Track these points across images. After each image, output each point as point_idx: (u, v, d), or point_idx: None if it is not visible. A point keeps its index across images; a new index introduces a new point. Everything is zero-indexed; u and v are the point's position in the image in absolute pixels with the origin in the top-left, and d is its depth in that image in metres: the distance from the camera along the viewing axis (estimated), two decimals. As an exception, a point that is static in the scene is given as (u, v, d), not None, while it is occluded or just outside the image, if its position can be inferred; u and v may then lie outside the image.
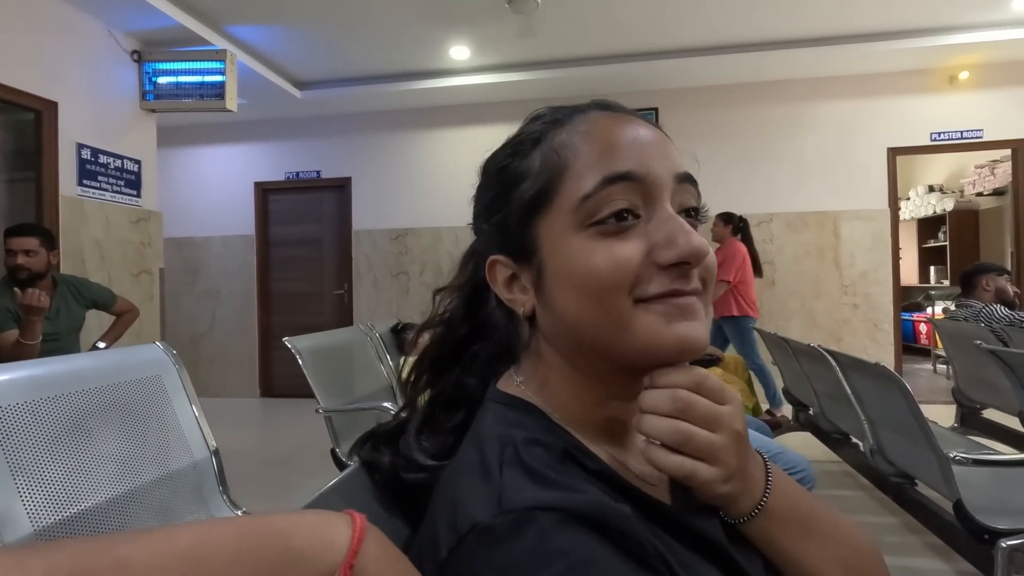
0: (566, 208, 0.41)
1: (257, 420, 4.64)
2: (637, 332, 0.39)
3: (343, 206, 5.22)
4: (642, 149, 0.42)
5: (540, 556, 0.32)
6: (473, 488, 0.37)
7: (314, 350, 2.07)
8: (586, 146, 0.42)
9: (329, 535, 0.31)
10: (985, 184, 5.84)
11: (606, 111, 0.45)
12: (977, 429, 2.49)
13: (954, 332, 2.65)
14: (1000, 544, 1.26)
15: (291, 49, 4.07)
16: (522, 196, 0.44)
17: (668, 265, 0.39)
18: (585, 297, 0.40)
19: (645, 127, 0.44)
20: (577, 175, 0.42)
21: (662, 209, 0.41)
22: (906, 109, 4.44)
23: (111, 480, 0.99)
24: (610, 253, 0.40)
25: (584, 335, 0.42)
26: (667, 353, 0.40)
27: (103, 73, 3.33)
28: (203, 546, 0.28)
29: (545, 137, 0.44)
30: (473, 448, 0.41)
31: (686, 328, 0.40)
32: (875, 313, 4.48)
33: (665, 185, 0.41)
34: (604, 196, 0.40)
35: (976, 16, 3.76)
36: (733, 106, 4.60)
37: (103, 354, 1.24)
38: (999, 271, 2.82)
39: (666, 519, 0.40)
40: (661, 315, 0.40)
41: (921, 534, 2.06)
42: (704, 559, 0.40)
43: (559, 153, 0.43)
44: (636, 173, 0.40)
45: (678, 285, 0.40)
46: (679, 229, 0.40)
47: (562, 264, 0.42)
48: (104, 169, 3.27)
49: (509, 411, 0.44)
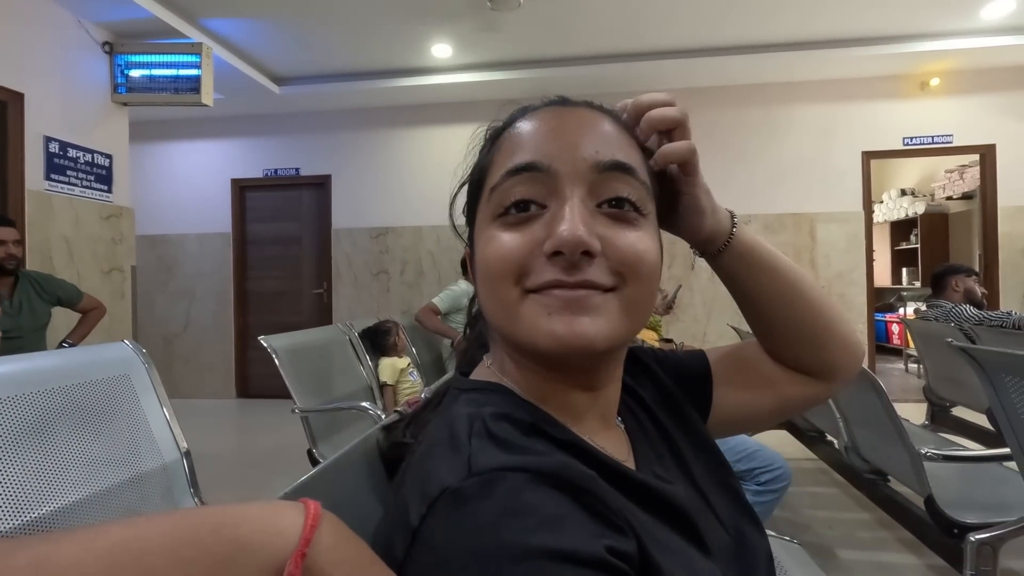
0: (484, 202, 0.44)
1: (232, 421, 4.55)
2: (522, 322, 0.40)
3: (322, 204, 5.15)
4: (555, 140, 0.42)
5: (511, 513, 0.32)
6: (442, 458, 0.37)
7: (291, 349, 2.04)
8: (507, 143, 0.44)
9: (278, 523, 0.29)
10: (955, 188, 6.00)
11: (546, 108, 0.45)
12: (947, 426, 2.56)
13: (925, 332, 2.72)
14: (969, 538, 1.29)
15: (270, 44, 4.00)
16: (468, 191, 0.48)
17: (550, 255, 0.39)
18: (485, 284, 0.43)
19: (573, 116, 0.43)
20: (493, 170, 0.44)
21: (562, 199, 0.40)
22: (880, 114, 4.54)
23: (76, 483, 0.96)
24: (500, 243, 0.41)
25: (491, 320, 0.44)
26: (544, 347, 0.39)
27: (72, 64, 3.23)
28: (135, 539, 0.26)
29: (494, 137, 0.47)
30: (443, 427, 0.41)
31: (566, 323, 0.38)
32: (849, 313, 4.56)
33: (576, 175, 0.41)
34: (506, 188, 0.42)
35: (947, 24, 3.86)
36: (712, 109, 4.66)
37: (68, 352, 1.19)
38: (968, 272, 2.89)
39: (631, 485, 0.41)
40: (542, 307, 0.39)
41: (893, 529, 2.10)
42: (666, 523, 0.41)
43: (492, 152, 0.46)
44: (538, 164, 0.41)
45: (560, 276, 0.39)
46: (561, 218, 0.39)
47: (478, 252, 0.44)
48: (73, 163, 3.17)
49: (478, 394, 0.45)
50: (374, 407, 1.99)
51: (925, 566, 1.91)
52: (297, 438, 2.05)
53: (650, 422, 0.53)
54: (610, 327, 0.39)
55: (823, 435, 2.31)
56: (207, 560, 0.27)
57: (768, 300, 0.53)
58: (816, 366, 0.55)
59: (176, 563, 0.26)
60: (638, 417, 0.53)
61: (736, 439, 1.74)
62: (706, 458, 0.53)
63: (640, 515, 0.39)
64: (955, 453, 1.55)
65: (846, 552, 2.05)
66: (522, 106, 0.48)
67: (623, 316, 0.40)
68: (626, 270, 0.40)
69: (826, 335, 0.54)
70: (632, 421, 0.52)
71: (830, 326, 0.54)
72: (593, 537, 0.32)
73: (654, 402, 0.55)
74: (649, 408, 0.54)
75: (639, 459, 0.48)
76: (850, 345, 0.56)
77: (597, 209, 0.41)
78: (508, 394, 0.44)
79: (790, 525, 2.25)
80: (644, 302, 0.42)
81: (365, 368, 2.52)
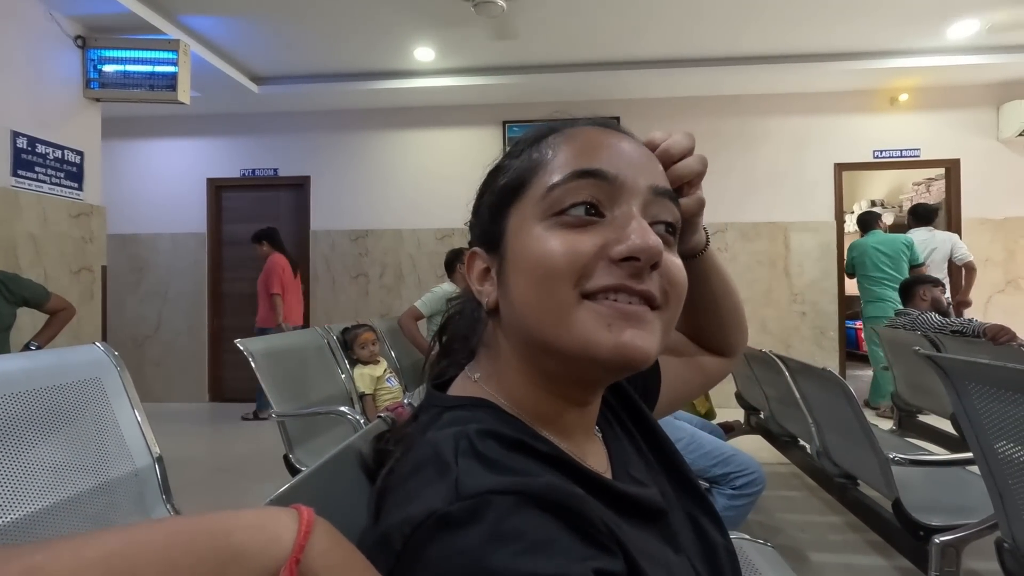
0: (535, 198, 0.43)
1: (206, 425, 4.45)
2: (576, 328, 0.39)
3: (301, 205, 5.08)
4: (619, 156, 0.43)
5: (498, 538, 0.32)
6: (428, 481, 0.37)
7: (268, 353, 2.01)
8: (566, 146, 0.44)
9: (273, 530, 0.29)
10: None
11: (603, 127, 0.46)
12: (914, 431, 2.63)
13: (893, 339, 2.80)
14: (934, 540, 1.33)
15: (249, 42, 3.95)
16: (498, 186, 0.46)
17: (619, 260, 0.40)
18: (533, 282, 0.41)
19: (631, 143, 0.45)
20: (551, 170, 0.43)
21: (627, 209, 0.41)
22: (851, 127, 4.67)
23: (44, 489, 0.93)
24: (563, 240, 0.40)
25: (531, 324, 0.42)
26: (605, 358, 0.39)
27: (42, 58, 3.14)
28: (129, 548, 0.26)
29: (538, 140, 0.47)
30: (427, 446, 0.40)
31: (630, 335, 0.39)
32: (821, 321, 4.68)
33: (635, 191, 0.42)
34: (570, 187, 0.41)
35: (915, 42, 4.00)
36: (691, 118, 4.74)
37: (36, 355, 1.16)
38: (935, 283, 3.00)
39: (614, 496, 0.42)
40: (602, 317, 0.39)
41: (862, 532, 2.15)
42: (645, 528, 0.43)
43: (542, 151, 0.45)
44: (605, 172, 0.42)
45: (627, 281, 0.40)
46: (636, 226, 0.40)
47: (520, 249, 0.43)
48: (42, 159, 3.08)
49: (461, 411, 0.44)
50: (352, 412, 1.97)
51: (892, 568, 1.96)
52: (273, 443, 2.02)
53: (618, 424, 0.54)
54: (656, 345, 0.41)
55: (796, 440, 2.36)
56: (202, 568, 0.27)
57: (718, 299, 0.62)
58: (725, 347, 0.67)
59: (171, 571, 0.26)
60: (609, 421, 0.54)
61: (712, 444, 1.77)
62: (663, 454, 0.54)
63: (624, 526, 0.40)
64: (921, 458, 1.60)
65: (817, 555, 2.10)
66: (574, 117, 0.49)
67: (662, 336, 0.42)
68: (671, 291, 0.42)
69: (738, 323, 0.66)
70: (606, 426, 0.53)
71: (741, 316, 0.66)
72: (581, 560, 0.32)
73: (616, 403, 0.56)
74: (615, 410, 0.56)
75: (615, 464, 0.49)
76: (745, 328, 0.68)
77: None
78: (493, 409, 0.44)
79: (763, 528, 2.30)
80: (673, 325, 0.44)
81: (343, 372, 2.49)
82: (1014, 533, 1.11)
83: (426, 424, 0.45)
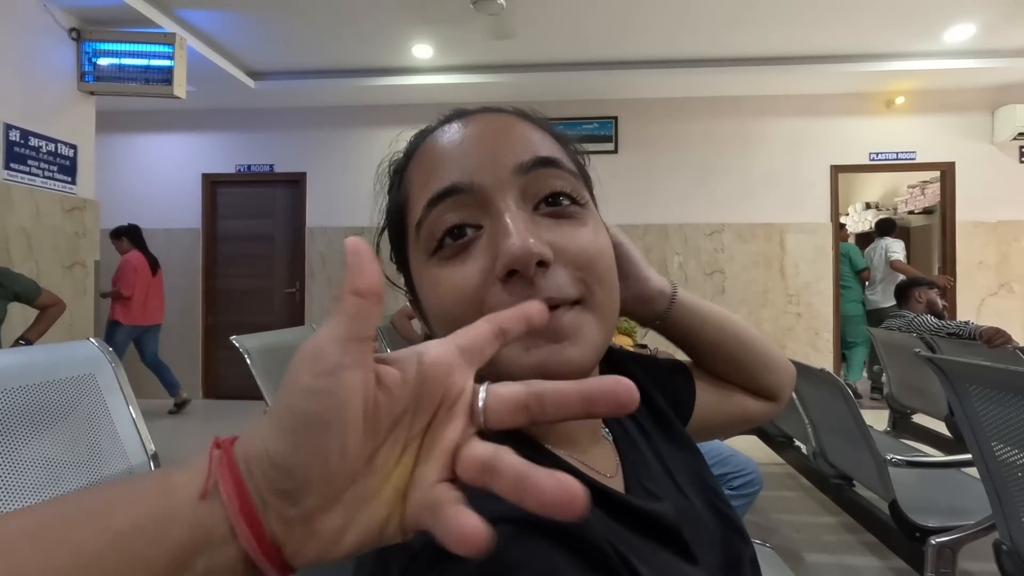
0: (413, 241, 0.40)
1: (199, 423, 4.42)
2: (497, 361, 0.34)
3: (297, 202, 5.06)
4: (468, 154, 0.39)
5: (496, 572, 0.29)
6: None
7: (264, 350, 1.99)
8: (417, 172, 0.41)
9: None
10: (916, 203, 6.24)
11: (448, 124, 0.43)
12: (908, 433, 2.65)
13: (888, 341, 2.81)
14: (930, 541, 1.33)
15: (246, 37, 3.92)
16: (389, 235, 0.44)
17: (504, 278, 0.35)
18: (443, 330, 0.38)
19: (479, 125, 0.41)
20: (413, 204, 0.40)
21: (497, 212, 0.37)
22: (848, 129, 4.69)
23: (35, 487, 0.92)
24: (449, 280, 0.37)
25: None
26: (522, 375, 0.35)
27: (36, 50, 3.11)
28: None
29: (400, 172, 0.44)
30: None
31: (547, 353, 0.36)
32: (816, 322, 4.70)
33: (500, 183, 0.38)
34: (432, 220, 0.38)
35: (912, 46, 4.02)
36: (689, 119, 4.74)
37: (29, 350, 1.14)
38: (930, 285, 3.01)
39: (621, 509, 0.39)
40: (518, 342, 0.35)
41: (858, 533, 2.16)
42: (656, 542, 0.39)
43: (404, 185, 0.42)
44: (458, 185, 0.37)
45: (524, 296, 0.35)
46: (505, 233, 0.35)
47: (424, 299, 0.40)
48: (35, 153, 3.05)
49: None
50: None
51: (888, 569, 1.97)
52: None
53: (637, 430, 0.52)
54: (589, 342, 0.37)
55: (792, 441, 2.36)
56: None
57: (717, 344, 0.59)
58: (761, 389, 0.61)
59: None
60: (625, 426, 0.52)
61: (709, 444, 1.76)
62: (691, 466, 0.52)
63: (632, 538, 0.38)
64: (918, 459, 1.60)
65: (812, 555, 2.10)
66: (419, 130, 0.45)
67: (599, 326, 0.38)
68: (586, 275, 0.38)
69: (762, 363, 0.60)
70: (619, 431, 0.51)
71: (765, 355, 0.61)
72: None
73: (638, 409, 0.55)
74: (633, 415, 0.53)
75: (628, 473, 0.46)
76: (784, 367, 0.62)
77: (535, 212, 0.38)
78: None
79: (759, 528, 2.30)
80: (612, 302, 0.40)
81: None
82: (1012, 535, 1.11)
83: None
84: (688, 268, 4.73)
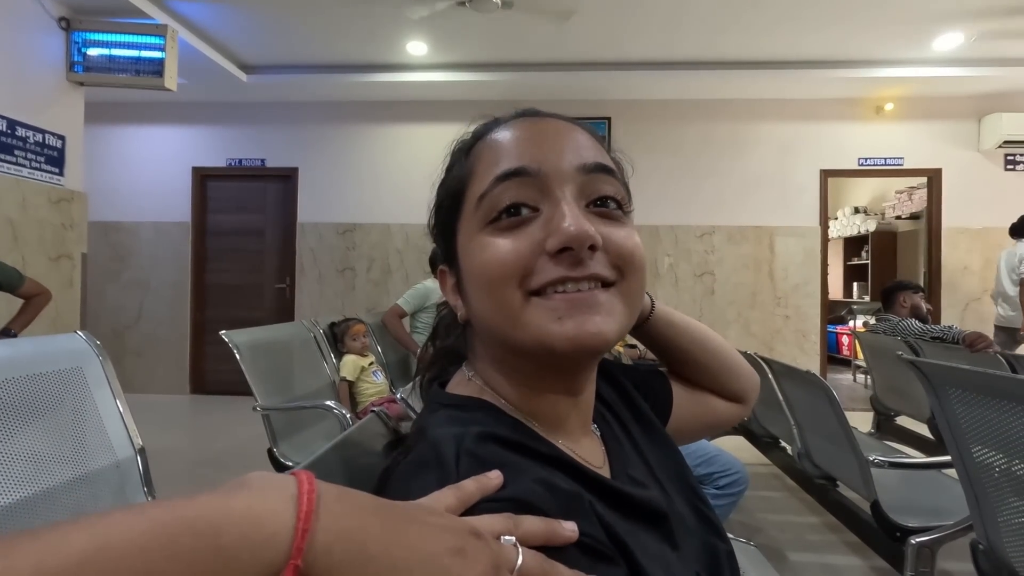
0: (470, 211, 0.44)
1: (187, 418, 4.39)
2: (530, 326, 0.40)
3: (288, 197, 5.03)
4: (539, 146, 0.43)
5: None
6: (429, 485, 0.36)
7: (253, 345, 1.98)
8: (488, 152, 0.45)
9: (266, 527, 0.25)
10: (903, 208, 6.32)
11: (522, 118, 0.47)
12: (891, 434, 2.69)
13: (874, 344, 2.85)
14: (910, 541, 1.36)
15: (239, 30, 3.89)
16: (441, 206, 0.48)
17: (555, 252, 0.40)
18: (484, 292, 0.42)
19: (550, 125, 0.46)
20: (478, 179, 0.44)
21: (557, 198, 0.42)
22: (838, 134, 4.74)
23: (22, 480, 0.91)
24: (501, 245, 0.41)
25: (492, 329, 0.43)
26: (561, 349, 0.40)
27: (24, 39, 3.07)
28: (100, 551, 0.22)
29: (466, 151, 0.48)
30: (427, 446, 0.40)
31: (578, 324, 0.40)
32: (804, 324, 4.75)
33: (563, 177, 0.42)
34: (497, 194, 0.42)
35: (902, 53, 4.07)
36: (682, 121, 4.77)
37: (16, 343, 1.13)
38: (915, 289, 3.05)
39: (613, 496, 0.42)
40: (551, 311, 0.40)
41: (840, 532, 2.19)
42: (645, 527, 0.43)
43: (470, 162, 0.46)
44: (527, 168, 0.42)
45: (567, 272, 0.40)
46: (566, 214, 0.40)
47: (468, 263, 0.44)
48: (22, 143, 3.01)
49: (460, 412, 0.44)
50: (338, 406, 1.96)
51: (869, 568, 2.00)
52: (255, 436, 2.00)
53: (619, 426, 0.55)
54: (617, 321, 0.41)
55: (777, 441, 2.39)
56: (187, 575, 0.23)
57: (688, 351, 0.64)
58: (729, 393, 0.67)
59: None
60: (608, 421, 0.54)
61: (696, 444, 1.78)
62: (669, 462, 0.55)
63: (624, 525, 0.40)
64: (900, 460, 1.63)
65: (796, 554, 2.13)
66: (493, 118, 0.49)
67: (625, 309, 0.43)
68: (623, 263, 0.42)
69: (731, 370, 0.66)
70: (604, 426, 0.53)
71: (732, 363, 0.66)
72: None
73: (618, 406, 0.57)
74: (616, 412, 0.56)
75: (614, 463, 0.49)
76: (748, 374, 0.68)
77: (586, 209, 0.43)
78: (491, 410, 0.44)
79: (744, 527, 2.33)
80: (640, 293, 0.45)
81: (329, 366, 2.47)
82: (988, 535, 1.14)
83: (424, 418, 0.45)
84: (679, 269, 4.76)
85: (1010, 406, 1.01)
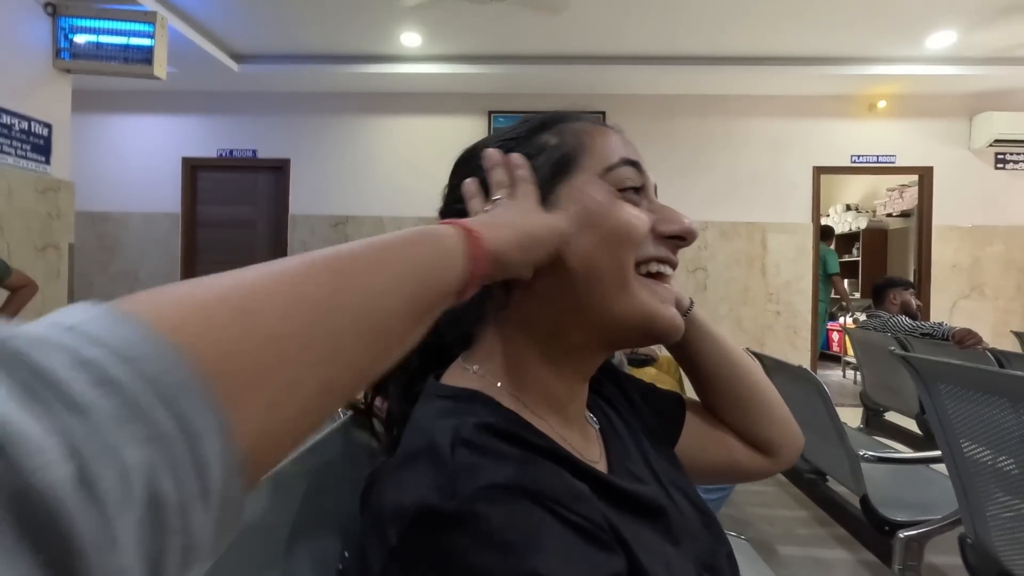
0: (593, 172, 0.46)
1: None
2: (637, 298, 0.44)
3: (280, 188, 4.98)
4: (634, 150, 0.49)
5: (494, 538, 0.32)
6: (423, 473, 0.36)
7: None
8: (601, 136, 0.48)
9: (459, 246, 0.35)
10: (894, 206, 6.37)
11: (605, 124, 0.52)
12: (880, 430, 2.71)
13: (864, 340, 2.87)
14: (899, 535, 1.37)
15: (230, 18, 3.84)
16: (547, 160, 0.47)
17: (668, 236, 0.46)
18: (607, 244, 0.44)
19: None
20: (599, 152, 0.47)
21: (654, 197, 0.49)
22: (831, 131, 4.76)
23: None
24: (634, 210, 0.45)
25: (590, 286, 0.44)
26: (660, 331, 0.45)
27: (9, 24, 3.00)
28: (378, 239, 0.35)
29: (551, 125, 0.49)
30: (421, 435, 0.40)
31: (675, 314, 0.46)
32: (795, 320, 4.78)
33: (650, 186, 0.49)
34: (624, 172, 0.47)
35: (895, 50, 4.08)
36: (675, 116, 4.77)
37: None
38: (906, 286, 3.07)
39: (611, 490, 0.42)
40: (655, 293, 0.45)
41: (829, 527, 2.21)
42: (644, 522, 0.42)
43: (577, 135, 0.48)
44: (640, 165, 0.48)
45: (670, 254, 0.46)
46: (679, 212, 0.47)
47: (593, 211, 0.44)
48: (7, 130, 2.95)
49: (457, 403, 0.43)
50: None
51: (857, 561, 2.02)
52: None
53: (618, 419, 0.54)
54: None
55: (768, 436, 2.40)
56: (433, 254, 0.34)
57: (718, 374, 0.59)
58: (758, 440, 0.60)
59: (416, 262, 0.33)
60: (607, 414, 0.54)
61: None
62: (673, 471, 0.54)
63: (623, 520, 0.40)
64: (890, 455, 1.64)
65: (786, 548, 2.15)
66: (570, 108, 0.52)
67: None
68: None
69: (765, 410, 0.59)
70: (603, 418, 0.53)
71: (769, 403, 0.60)
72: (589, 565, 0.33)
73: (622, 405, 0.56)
74: (618, 409, 0.55)
75: (612, 456, 0.49)
76: (788, 425, 0.60)
77: None
78: (487, 402, 0.44)
79: (735, 521, 2.34)
80: None
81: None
82: (976, 529, 1.15)
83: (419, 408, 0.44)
84: (671, 265, 4.77)
85: (999, 401, 1.02)
